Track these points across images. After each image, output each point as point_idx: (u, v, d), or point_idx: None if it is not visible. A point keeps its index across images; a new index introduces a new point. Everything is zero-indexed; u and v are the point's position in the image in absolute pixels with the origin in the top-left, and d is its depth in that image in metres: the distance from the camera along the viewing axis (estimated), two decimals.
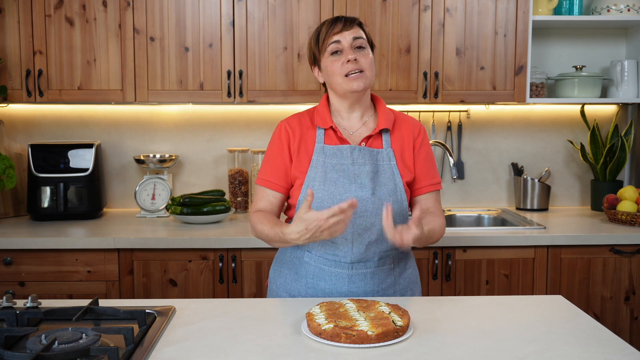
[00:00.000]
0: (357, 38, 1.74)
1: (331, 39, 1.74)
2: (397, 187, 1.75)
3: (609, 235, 2.62)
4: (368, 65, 1.75)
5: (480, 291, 2.64)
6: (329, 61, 1.76)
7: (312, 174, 1.74)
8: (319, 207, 1.71)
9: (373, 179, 1.73)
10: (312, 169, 1.75)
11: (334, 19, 1.77)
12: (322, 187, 1.73)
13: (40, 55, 2.80)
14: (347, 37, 1.73)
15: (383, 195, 1.73)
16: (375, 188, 1.73)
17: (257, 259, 2.57)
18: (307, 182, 1.74)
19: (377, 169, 1.75)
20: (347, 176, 1.73)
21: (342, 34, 1.74)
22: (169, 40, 2.81)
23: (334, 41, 1.74)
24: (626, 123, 3.24)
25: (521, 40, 2.86)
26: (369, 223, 1.72)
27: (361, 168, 1.74)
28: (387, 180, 1.75)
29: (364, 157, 1.75)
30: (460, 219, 3.15)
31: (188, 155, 3.21)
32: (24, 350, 1.30)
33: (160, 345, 1.37)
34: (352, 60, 1.72)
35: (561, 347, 1.35)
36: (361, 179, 1.73)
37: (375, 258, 1.76)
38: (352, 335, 1.34)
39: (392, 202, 1.73)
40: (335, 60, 1.74)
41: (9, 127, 3.14)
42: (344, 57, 1.73)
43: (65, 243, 2.52)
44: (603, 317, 2.66)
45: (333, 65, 1.74)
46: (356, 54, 1.73)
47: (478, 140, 3.25)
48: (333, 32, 1.74)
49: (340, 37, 1.74)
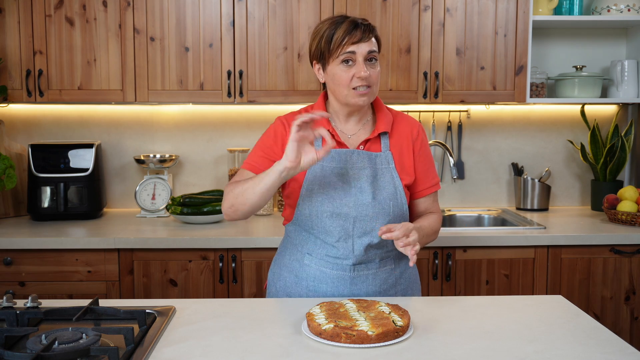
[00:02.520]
0: (372, 51, 1.68)
1: (347, 47, 1.66)
2: (397, 190, 1.74)
3: (609, 235, 2.62)
4: (376, 80, 1.71)
5: (480, 291, 2.64)
6: (338, 69, 1.68)
7: (311, 177, 1.72)
8: (319, 211, 1.70)
9: (373, 183, 1.72)
10: (311, 172, 1.72)
11: (353, 24, 1.68)
12: (321, 190, 1.71)
13: (40, 55, 2.80)
14: (364, 50, 1.66)
15: (383, 199, 1.72)
16: (376, 192, 1.71)
17: (257, 259, 2.57)
18: (306, 185, 1.72)
19: (376, 173, 1.73)
20: (346, 180, 1.71)
21: (359, 45, 1.66)
22: (169, 40, 2.81)
23: (350, 51, 1.66)
24: (626, 123, 3.24)
25: (521, 40, 2.86)
26: (370, 227, 1.71)
27: (360, 172, 1.72)
28: (387, 184, 1.73)
29: (362, 161, 1.73)
30: (460, 219, 3.15)
31: (188, 155, 3.21)
32: (24, 350, 1.30)
33: (161, 345, 1.37)
34: (365, 77, 1.66)
35: (561, 347, 1.35)
36: (361, 183, 1.71)
37: (376, 259, 1.75)
38: (352, 335, 1.34)
39: (392, 205, 1.72)
40: (345, 70, 1.67)
41: (9, 127, 3.14)
42: (356, 70, 1.66)
43: (65, 243, 2.52)
44: (603, 317, 2.66)
45: (342, 75, 1.68)
46: (368, 69, 1.67)
47: (478, 140, 3.25)
48: (351, 40, 1.66)
49: (356, 48, 1.66)
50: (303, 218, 1.73)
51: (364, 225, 1.71)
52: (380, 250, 1.75)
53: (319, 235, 1.73)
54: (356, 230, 1.71)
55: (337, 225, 1.70)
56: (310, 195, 1.71)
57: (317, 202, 1.70)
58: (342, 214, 1.69)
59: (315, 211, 1.70)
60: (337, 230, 1.70)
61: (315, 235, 1.74)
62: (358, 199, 1.70)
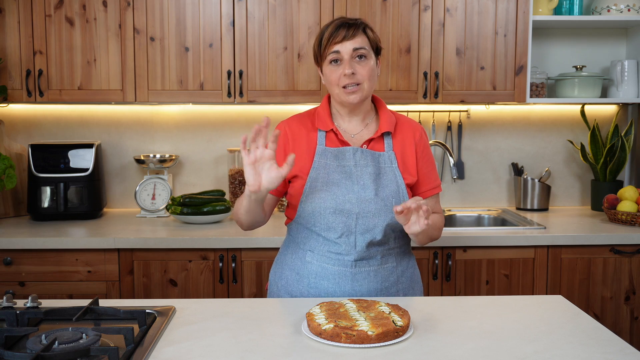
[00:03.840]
0: (357, 48, 1.71)
1: (331, 47, 1.71)
2: (400, 188, 1.75)
3: (609, 235, 2.62)
4: (366, 76, 1.72)
5: (480, 291, 2.64)
6: (327, 69, 1.74)
7: (314, 175, 1.74)
8: (321, 207, 1.71)
9: (375, 181, 1.73)
10: (314, 170, 1.74)
11: (338, 24, 1.73)
12: (324, 187, 1.72)
13: (40, 55, 2.80)
14: (348, 47, 1.70)
15: (386, 196, 1.73)
16: (378, 189, 1.73)
17: (257, 259, 2.57)
18: (309, 183, 1.73)
19: (379, 171, 1.75)
20: (349, 177, 1.73)
21: (343, 43, 1.70)
22: (169, 40, 2.81)
23: (334, 51, 1.71)
24: (626, 123, 3.24)
25: (521, 40, 2.86)
26: (372, 224, 1.72)
27: (363, 169, 1.74)
28: (390, 182, 1.75)
29: (366, 159, 1.75)
30: (460, 219, 3.15)
31: (188, 155, 3.21)
32: (24, 350, 1.30)
33: (161, 345, 1.37)
34: (348, 74, 1.70)
35: (561, 347, 1.35)
36: (364, 180, 1.73)
37: (378, 256, 1.76)
38: (352, 335, 1.34)
39: (394, 203, 1.73)
40: (333, 70, 1.73)
41: (9, 127, 3.14)
42: (342, 68, 1.71)
43: (65, 243, 2.52)
44: (603, 317, 2.66)
45: (331, 75, 1.73)
46: (355, 66, 1.71)
47: (478, 140, 3.25)
48: (334, 40, 1.71)
49: (340, 47, 1.70)
50: (305, 215, 1.74)
51: (367, 221, 1.72)
52: (381, 247, 1.75)
53: (320, 232, 1.74)
54: (358, 227, 1.72)
55: (340, 221, 1.71)
56: (313, 193, 1.73)
57: (320, 199, 1.72)
58: (345, 210, 1.71)
59: (318, 208, 1.71)
60: (339, 226, 1.71)
61: (317, 233, 1.75)
62: (360, 196, 1.71)
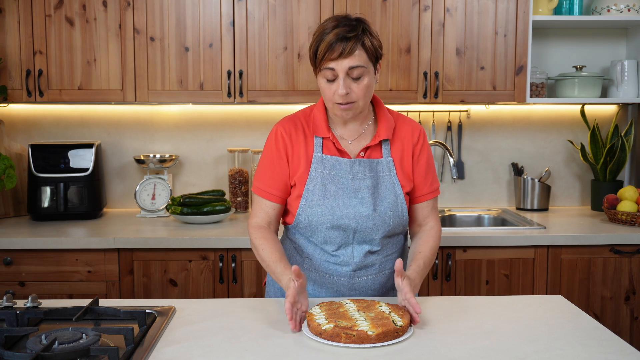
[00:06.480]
0: (353, 67, 1.59)
1: (326, 63, 1.60)
2: (398, 199, 1.72)
3: (609, 235, 2.62)
4: (362, 94, 1.63)
5: (480, 291, 2.64)
6: (321, 83, 1.65)
7: (311, 187, 1.70)
8: (319, 222, 1.69)
9: (373, 194, 1.70)
10: (311, 181, 1.70)
11: (336, 37, 1.59)
12: (321, 201, 1.68)
13: (40, 55, 2.80)
14: (344, 66, 1.59)
15: (384, 210, 1.70)
16: (376, 203, 1.70)
17: (257, 259, 2.57)
18: (306, 196, 1.70)
19: (377, 182, 1.71)
20: (346, 190, 1.69)
21: (339, 61, 1.58)
22: (169, 40, 2.81)
23: (329, 67, 1.60)
24: (626, 123, 3.24)
25: (521, 40, 2.86)
26: (370, 237, 1.71)
27: (361, 182, 1.69)
28: (388, 193, 1.71)
29: (364, 171, 1.70)
30: (460, 219, 3.15)
31: (188, 155, 3.21)
32: (24, 350, 1.30)
33: (161, 345, 1.37)
34: (342, 94, 1.61)
35: (561, 347, 1.35)
36: (362, 194, 1.69)
37: (376, 264, 1.75)
38: (352, 335, 1.34)
39: (392, 216, 1.71)
40: (327, 86, 1.64)
41: (9, 127, 3.14)
42: (336, 86, 1.61)
43: (65, 243, 2.52)
44: (603, 317, 2.66)
45: (325, 90, 1.65)
46: (350, 85, 1.61)
47: (478, 140, 3.25)
48: (330, 57, 1.59)
49: (335, 64, 1.59)
50: (303, 227, 1.73)
51: (364, 235, 1.71)
52: (379, 256, 1.75)
53: (318, 243, 1.73)
54: (356, 240, 1.71)
55: (337, 235, 1.70)
56: (310, 207, 1.70)
57: (317, 213, 1.69)
58: (342, 225, 1.69)
59: (315, 222, 1.69)
60: (337, 240, 1.71)
61: (315, 244, 1.74)
62: (358, 211, 1.68)
